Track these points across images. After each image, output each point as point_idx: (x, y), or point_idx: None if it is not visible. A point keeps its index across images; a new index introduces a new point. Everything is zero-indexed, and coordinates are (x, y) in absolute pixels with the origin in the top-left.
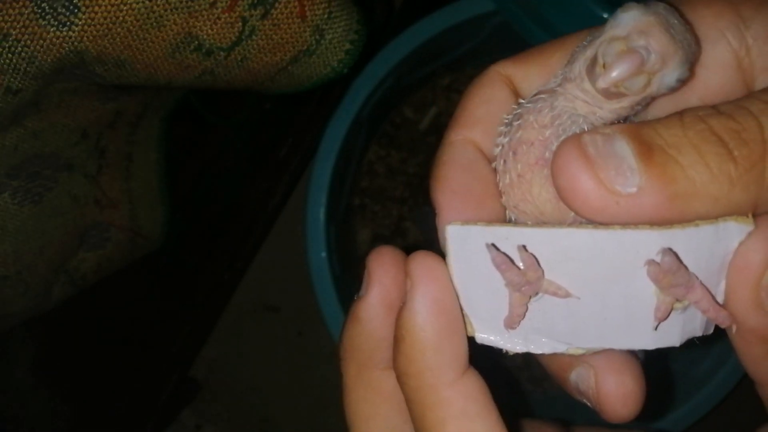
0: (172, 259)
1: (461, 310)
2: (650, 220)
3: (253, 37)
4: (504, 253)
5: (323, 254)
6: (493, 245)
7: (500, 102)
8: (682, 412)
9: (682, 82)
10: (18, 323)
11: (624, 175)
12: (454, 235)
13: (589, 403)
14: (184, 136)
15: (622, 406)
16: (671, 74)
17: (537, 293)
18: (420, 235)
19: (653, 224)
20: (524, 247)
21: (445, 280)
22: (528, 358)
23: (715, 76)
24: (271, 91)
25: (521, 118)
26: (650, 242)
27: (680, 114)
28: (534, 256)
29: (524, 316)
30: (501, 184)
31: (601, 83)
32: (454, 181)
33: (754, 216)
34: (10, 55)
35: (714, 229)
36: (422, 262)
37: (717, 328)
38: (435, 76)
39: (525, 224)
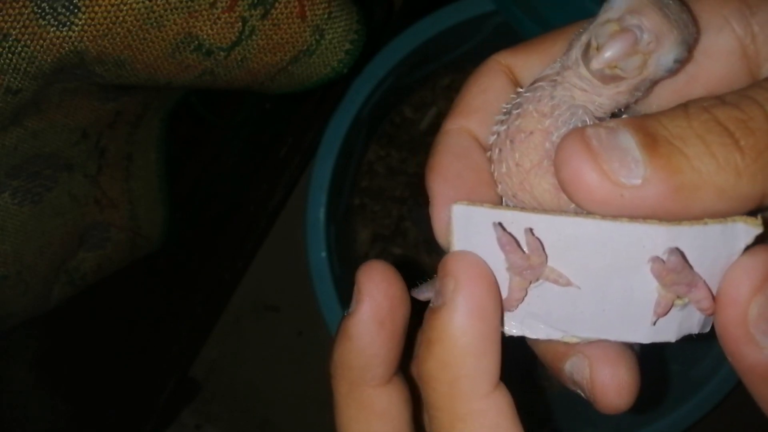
0: (172, 259)
1: None
2: (655, 212)
3: (253, 37)
4: (510, 234)
5: (323, 254)
6: (500, 225)
7: (498, 92)
8: (682, 412)
9: (681, 64)
10: (18, 323)
11: (628, 167)
12: (459, 214)
13: (583, 394)
14: (184, 136)
15: (617, 397)
16: (667, 55)
17: (538, 279)
18: (420, 235)
19: (659, 218)
20: (531, 230)
21: (492, 287)
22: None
23: (719, 64)
24: (271, 91)
25: (520, 107)
26: (657, 237)
27: (684, 105)
28: (540, 241)
29: (522, 300)
30: (497, 173)
31: (595, 64)
32: (446, 169)
33: (764, 218)
34: (10, 55)
35: (722, 229)
36: (469, 261)
37: (713, 326)
38: (435, 76)
39: (531, 210)
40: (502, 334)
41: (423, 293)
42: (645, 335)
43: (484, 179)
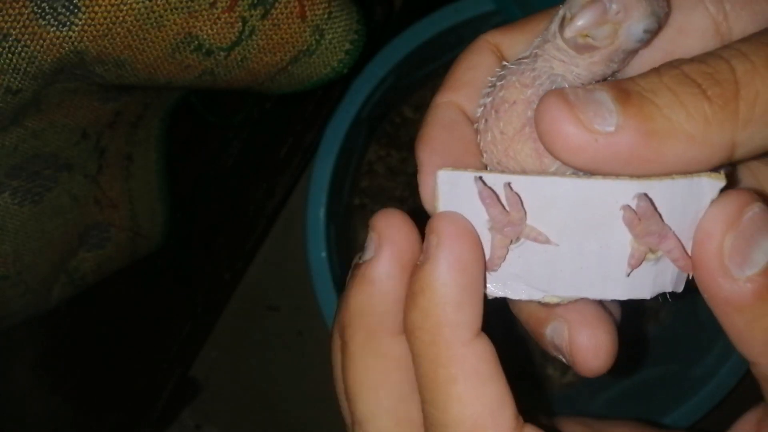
0: (172, 259)
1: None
2: (629, 159)
3: (253, 37)
4: (491, 189)
5: (323, 254)
6: (481, 179)
7: (486, 68)
8: (682, 412)
9: (651, 35)
10: (18, 323)
11: (602, 116)
12: (445, 180)
13: (563, 359)
14: (184, 136)
15: (594, 359)
16: (637, 25)
17: (518, 238)
18: None
19: (633, 167)
20: (509, 185)
21: (474, 243)
22: (535, 353)
23: (694, 41)
24: (271, 91)
25: (504, 79)
26: (628, 191)
27: (656, 68)
28: (519, 196)
29: (504, 259)
30: (482, 143)
31: (568, 33)
32: (434, 139)
33: (727, 176)
34: (10, 55)
35: (689, 183)
36: (452, 219)
37: (687, 285)
38: (435, 76)
39: (512, 173)
40: (485, 295)
41: None
42: (621, 292)
43: (470, 149)
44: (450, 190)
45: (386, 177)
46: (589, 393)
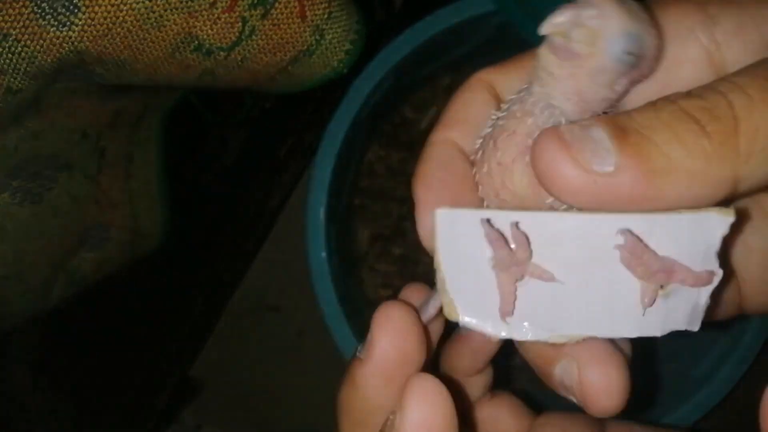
0: (172, 259)
1: (447, 294)
2: (631, 199)
3: (253, 37)
4: (497, 230)
5: (323, 254)
6: (488, 221)
7: (480, 105)
8: (683, 412)
9: (636, 58)
10: (18, 323)
11: (600, 156)
12: (443, 218)
13: (574, 399)
14: (184, 136)
15: (606, 398)
16: (617, 39)
17: (523, 276)
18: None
19: (634, 207)
20: (516, 224)
21: (440, 401)
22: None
23: (689, 72)
24: (271, 91)
25: (507, 111)
26: (632, 226)
27: (653, 102)
28: (525, 235)
29: (516, 298)
30: (479, 175)
31: (543, 30)
32: (431, 176)
33: (736, 209)
34: (10, 55)
35: (695, 218)
36: (419, 380)
37: (703, 325)
38: (435, 77)
39: (512, 209)
40: (488, 338)
41: (427, 312)
42: (630, 329)
43: (467, 185)
44: (449, 229)
45: (386, 177)
46: None
